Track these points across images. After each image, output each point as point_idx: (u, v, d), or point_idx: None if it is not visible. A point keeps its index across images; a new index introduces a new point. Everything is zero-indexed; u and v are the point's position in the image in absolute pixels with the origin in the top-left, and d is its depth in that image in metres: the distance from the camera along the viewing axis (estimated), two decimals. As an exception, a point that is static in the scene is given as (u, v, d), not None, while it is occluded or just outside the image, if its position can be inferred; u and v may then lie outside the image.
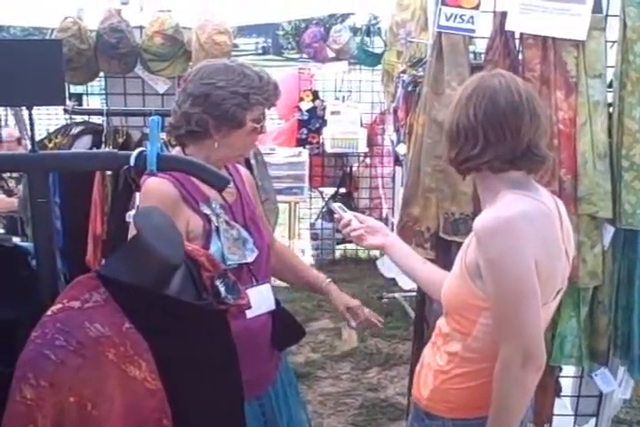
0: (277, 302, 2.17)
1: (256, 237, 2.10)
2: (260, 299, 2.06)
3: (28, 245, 1.37)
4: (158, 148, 1.26)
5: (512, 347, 1.70)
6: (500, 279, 1.70)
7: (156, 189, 1.93)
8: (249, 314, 2.03)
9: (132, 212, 1.25)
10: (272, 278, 2.26)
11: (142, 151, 1.25)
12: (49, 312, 1.12)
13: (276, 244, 2.41)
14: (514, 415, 1.76)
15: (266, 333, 2.12)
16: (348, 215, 2.14)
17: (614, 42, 2.49)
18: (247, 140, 2.09)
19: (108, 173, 3.15)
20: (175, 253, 1.28)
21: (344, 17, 6.68)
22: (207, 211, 2.01)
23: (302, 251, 6.39)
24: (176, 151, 2.11)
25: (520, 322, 1.70)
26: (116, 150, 1.29)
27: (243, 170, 2.32)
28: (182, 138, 2.07)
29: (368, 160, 6.32)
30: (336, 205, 2.22)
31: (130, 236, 1.75)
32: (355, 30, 6.23)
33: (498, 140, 1.75)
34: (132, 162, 1.18)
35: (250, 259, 2.05)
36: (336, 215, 2.17)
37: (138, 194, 1.27)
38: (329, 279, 2.37)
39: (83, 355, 1.10)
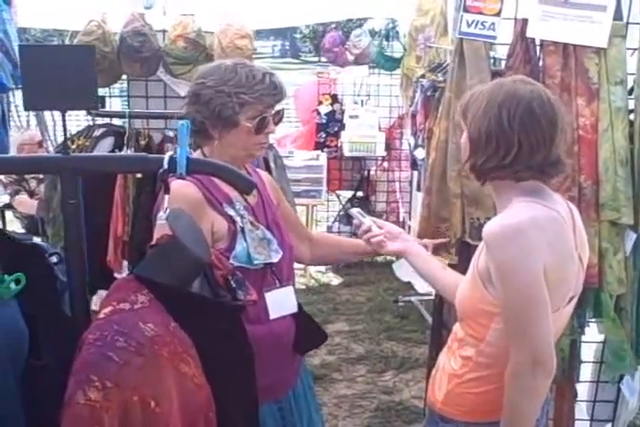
0: (300, 306, 2.17)
1: (279, 239, 2.11)
2: (283, 301, 2.08)
3: (45, 244, 1.40)
4: (187, 151, 1.29)
5: (521, 353, 1.71)
6: (508, 285, 1.71)
7: (180, 192, 1.91)
8: (272, 316, 2.05)
9: (161, 213, 1.28)
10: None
11: (172, 155, 1.28)
12: (101, 315, 1.16)
13: (314, 234, 2.47)
14: (525, 422, 1.77)
15: (289, 336, 2.12)
16: (367, 221, 2.14)
17: (635, 49, 2.50)
18: (249, 140, 2.04)
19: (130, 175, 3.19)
20: (204, 253, 1.32)
21: (362, 21, 6.70)
22: (231, 212, 2.02)
23: (319, 253, 6.41)
24: (196, 154, 2.11)
25: (529, 328, 1.71)
26: (145, 154, 1.32)
27: (263, 173, 2.33)
28: (193, 139, 2.08)
29: (386, 164, 6.34)
30: (355, 211, 2.20)
31: (156, 235, 1.78)
32: (373, 34, 6.25)
33: (532, 150, 1.74)
34: (165, 165, 1.21)
35: (275, 259, 2.06)
36: (355, 221, 2.17)
37: (167, 197, 1.30)
38: None
39: (143, 354, 1.13)
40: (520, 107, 1.74)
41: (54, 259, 1.34)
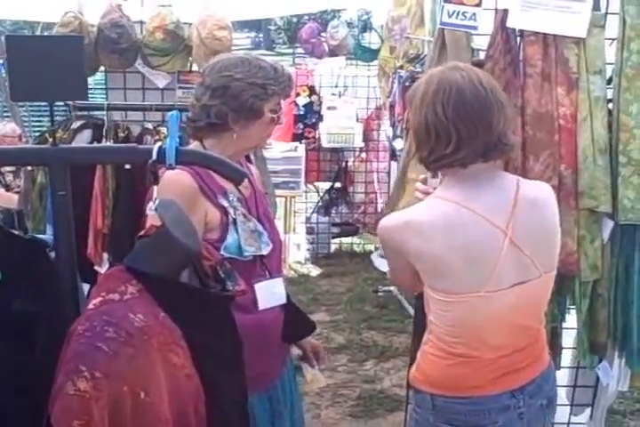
0: (288, 297, 2.20)
1: (270, 232, 2.14)
2: (273, 292, 2.11)
3: (46, 237, 1.39)
4: (177, 142, 1.29)
5: None
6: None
7: (174, 180, 1.93)
8: (261, 306, 2.08)
9: (151, 204, 1.27)
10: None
11: (161, 146, 1.28)
12: (91, 306, 1.15)
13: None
14: None
15: (277, 326, 2.15)
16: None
17: (614, 39, 2.52)
18: (265, 131, 2.15)
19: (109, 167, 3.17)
20: (194, 243, 1.32)
21: (336, 12, 6.70)
22: (225, 203, 2.05)
23: (298, 245, 6.42)
24: (194, 146, 2.13)
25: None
26: (135, 144, 1.32)
27: (252, 166, 2.36)
28: (201, 131, 2.10)
29: (364, 155, 6.36)
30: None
31: (146, 226, 1.78)
32: (349, 25, 6.24)
33: (470, 135, 1.77)
34: (154, 156, 1.21)
35: (265, 251, 2.09)
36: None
37: (155, 187, 1.30)
38: None
39: (133, 345, 1.13)
40: (452, 95, 1.77)
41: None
